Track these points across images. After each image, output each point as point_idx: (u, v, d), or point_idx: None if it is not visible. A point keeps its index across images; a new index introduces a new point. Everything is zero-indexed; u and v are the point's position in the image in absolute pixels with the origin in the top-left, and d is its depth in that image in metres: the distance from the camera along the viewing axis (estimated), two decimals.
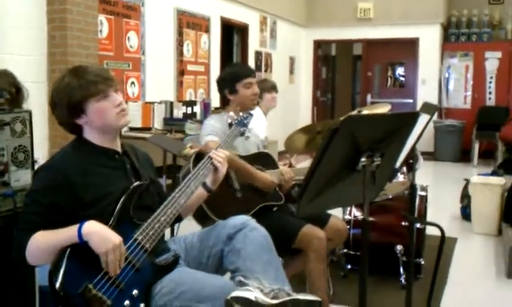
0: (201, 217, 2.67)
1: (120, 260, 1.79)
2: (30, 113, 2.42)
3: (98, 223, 1.81)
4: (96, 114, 1.97)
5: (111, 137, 2.04)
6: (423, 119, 2.42)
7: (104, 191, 1.93)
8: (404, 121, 1.95)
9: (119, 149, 2.09)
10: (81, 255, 1.78)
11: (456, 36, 10.75)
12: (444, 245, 2.62)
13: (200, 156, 2.54)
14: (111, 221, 1.87)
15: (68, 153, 2.00)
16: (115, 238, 1.79)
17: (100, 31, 5.50)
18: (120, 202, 1.92)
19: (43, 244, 1.81)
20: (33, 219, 1.84)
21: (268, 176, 2.90)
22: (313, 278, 2.84)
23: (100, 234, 1.78)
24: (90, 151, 2.01)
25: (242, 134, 2.66)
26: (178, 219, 2.26)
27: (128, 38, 6.05)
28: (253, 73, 3.09)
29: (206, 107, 7.30)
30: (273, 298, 1.77)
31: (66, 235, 1.79)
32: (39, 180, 1.92)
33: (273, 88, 4.82)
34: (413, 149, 2.49)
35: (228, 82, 3.03)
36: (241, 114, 2.72)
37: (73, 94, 1.95)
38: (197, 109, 7.15)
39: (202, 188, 2.27)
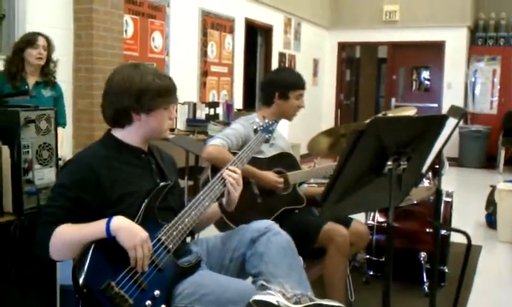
0: (222, 226, 2.65)
1: (147, 256, 1.78)
2: (55, 111, 2.43)
3: (126, 218, 1.80)
4: (157, 120, 2.00)
5: (139, 137, 2.05)
6: (450, 123, 2.37)
7: (130, 189, 1.92)
8: (431, 124, 1.91)
9: (145, 149, 2.09)
10: (105, 252, 1.77)
11: (483, 40, 10.58)
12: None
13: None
14: (136, 219, 1.86)
15: (97, 149, 1.99)
16: (142, 233, 1.78)
17: (126, 30, 5.53)
18: (146, 201, 1.91)
19: (69, 237, 1.79)
20: (57, 213, 1.83)
21: (271, 176, 2.85)
22: (333, 278, 2.79)
23: (128, 229, 1.77)
24: (119, 148, 2.01)
25: (267, 141, 2.64)
26: (191, 233, 2.23)
27: (153, 39, 6.08)
28: (305, 85, 3.06)
29: (229, 108, 7.30)
30: (295, 303, 1.74)
31: (93, 228, 1.78)
32: (66, 174, 1.91)
33: None
34: (439, 153, 2.44)
35: (283, 86, 2.99)
36: (266, 120, 2.69)
37: (150, 90, 1.95)
38: (220, 110, 7.16)
39: (217, 207, 2.20)
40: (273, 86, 3.02)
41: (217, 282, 1.90)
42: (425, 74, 11.18)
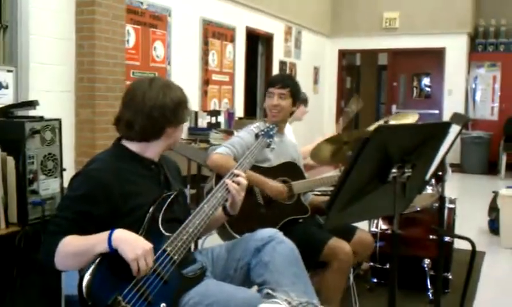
0: (226, 236, 2.65)
1: (150, 267, 1.78)
2: (60, 121, 2.45)
3: (127, 231, 1.80)
4: (180, 131, 2.12)
5: (160, 150, 2.09)
6: (454, 129, 2.38)
7: (140, 202, 1.93)
8: (435, 131, 1.92)
9: (156, 160, 2.10)
10: (111, 265, 1.77)
11: (483, 46, 10.61)
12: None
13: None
14: (140, 231, 1.87)
15: (107, 160, 1.99)
16: (145, 244, 1.78)
17: (127, 40, 5.55)
18: (149, 212, 1.91)
19: (73, 247, 1.80)
20: (65, 224, 1.84)
21: (276, 184, 2.85)
22: (329, 292, 2.76)
23: (129, 241, 1.77)
24: (130, 159, 2.02)
25: (268, 146, 2.64)
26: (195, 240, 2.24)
27: (155, 48, 6.10)
28: (279, 83, 3.01)
29: (230, 116, 7.33)
30: None
31: (96, 240, 1.78)
32: (77, 187, 1.91)
33: (304, 102, 4.70)
34: (442, 160, 2.44)
35: (266, 90, 3.07)
36: (267, 125, 2.70)
37: (182, 103, 2.06)
38: (221, 118, 7.18)
39: (222, 211, 2.22)
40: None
41: (222, 291, 1.89)
42: (425, 81, 11.19)
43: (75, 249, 1.80)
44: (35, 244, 2.27)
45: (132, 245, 1.76)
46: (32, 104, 2.57)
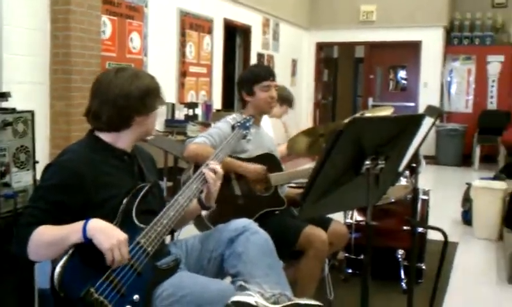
0: (202, 228, 2.65)
1: (125, 258, 1.77)
2: (33, 113, 2.42)
3: (103, 221, 1.79)
4: (152, 120, 2.10)
5: (131, 140, 2.06)
6: (427, 122, 2.41)
7: (113, 193, 1.92)
8: (409, 123, 1.94)
9: (129, 150, 2.09)
10: (84, 257, 1.76)
11: (458, 40, 10.74)
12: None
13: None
14: (114, 222, 1.85)
15: (80, 150, 1.97)
16: (120, 234, 1.77)
17: (103, 31, 5.49)
18: (123, 203, 1.90)
19: (46, 237, 1.78)
20: (38, 214, 1.82)
21: (253, 165, 2.85)
22: (305, 280, 2.79)
23: (104, 230, 1.76)
24: (102, 150, 2.00)
25: (244, 137, 2.65)
26: (171, 232, 2.24)
27: (131, 39, 6.05)
28: (272, 76, 3.04)
29: (208, 109, 7.31)
30: (274, 303, 1.76)
31: (70, 230, 1.77)
32: (49, 177, 1.90)
33: (289, 102, 4.70)
34: (416, 152, 2.47)
35: (247, 83, 3.01)
36: (243, 116, 2.71)
37: (151, 91, 2.04)
38: (199, 111, 7.16)
39: (196, 203, 2.21)
40: (240, 86, 3.06)
41: (196, 283, 1.90)
42: (401, 74, 11.29)
43: (48, 239, 1.78)
44: (7, 237, 2.24)
45: (107, 235, 1.75)
46: (4, 96, 2.54)
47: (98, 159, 1.95)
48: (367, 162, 1.80)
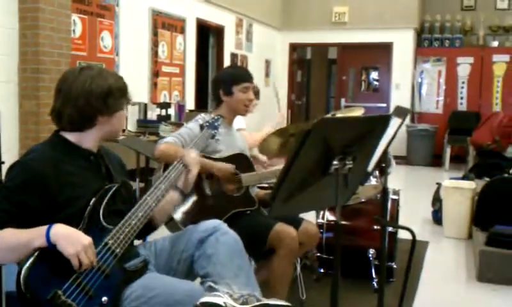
0: (173, 229, 2.64)
1: (92, 261, 1.75)
2: None
3: (66, 226, 1.77)
4: (118, 120, 2.05)
5: (96, 140, 2.03)
6: (395, 122, 2.44)
7: (78, 193, 1.89)
8: (375, 124, 1.96)
9: (95, 150, 2.06)
10: (51, 259, 1.73)
11: (429, 41, 10.90)
12: (416, 248, 2.63)
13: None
14: (81, 224, 1.83)
15: (45, 150, 1.94)
16: (84, 239, 1.75)
17: (73, 30, 5.42)
18: (90, 204, 1.88)
19: (9, 241, 1.75)
20: (2, 216, 1.79)
21: (224, 164, 2.85)
22: (277, 280, 2.79)
23: (68, 236, 1.74)
24: (67, 150, 1.97)
25: (213, 137, 2.65)
26: (153, 227, 2.23)
27: (102, 38, 5.98)
28: (251, 78, 3.05)
29: (180, 109, 7.27)
30: (243, 303, 1.76)
31: (33, 234, 1.74)
32: (12, 177, 1.86)
33: (256, 94, 4.72)
34: (385, 152, 2.50)
35: (225, 82, 3.00)
36: (212, 116, 2.71)
37: (114, 91, 1.99)
38: (171, 111, 7.12)
39: (175, 192, 2.24)
40: (217, 84, 3.04)
41: (165, 284, 1.89)
42: (374, 75, 11.40)
43: (11, 243, 1.75)
44: None
45: (70, 240, 1.73)
46: None
47: (63, 159, 1.92)
48: (335, 162, 1.81)
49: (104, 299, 1.77)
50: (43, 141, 2.05)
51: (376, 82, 11.40)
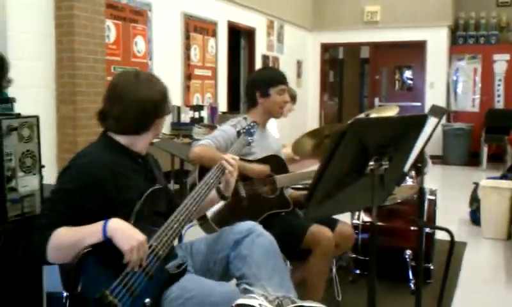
0: (208, 231, 2.65)
1: (143, 259, 1.78)
2: (37, 118, 2.43)
3: (123, 221, 1.81)
4: (162, 123, 2.13)
5: (147, 142, 2.10)
6: (431, 122, 2.40)
7: (132, 196, 1.92)
8: (412, 124, 1.93)
9: (144, 153, 2.11)
10: (99, 259, 1.76)
11: (463, 39, 10.70)
12: (453, 250, 2.59)
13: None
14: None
15: (99, 153, 1.97)
16: (140, 235, 1.78)
17: (108, 36, 5.51)
18: (137, 206, 1.90)
19: (67, 240, 1.78)
20: (57, 217, 1.82)
21: (258, 165, 2.86)
22: (314, 279, 2.80)
23: (125, 231, 1.78)
24: (120, 152, 2.02)
25: (248, 144, 2.65)
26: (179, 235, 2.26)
27: (136, 43, 6.06)
28: (287, 81, 3.06)
29: (213, 111, 7.31)
30: (278, 305, 1.76)
31: (90, 230, 1.78)
32: (69, 180, 1.89)
33: (293, 99, 4.71)
34: (421, 152, 2.47)
35: (262, 84, 2.99)
36: (248, 122, 2.70)
37: (167, 96, 2.10)
38: (204, 113, 7.17)
39: (215, 193, 2.25)
40: (254, 86, 3.03)
41: (201, 285, 1.90)
42: (407, 73, 11.26)
43: (68, 241, 1.78)
44: (15, 242, 2.25)
45: (127, 235, 1.76)
46: (9, 101, 2.55)
47: (117, 161, 1.97)
48: (371, 163, 1.79)
49: (147, 300, 1.79)
50: (92, 143, 2.08)
51: (409, 81, 11.25)
